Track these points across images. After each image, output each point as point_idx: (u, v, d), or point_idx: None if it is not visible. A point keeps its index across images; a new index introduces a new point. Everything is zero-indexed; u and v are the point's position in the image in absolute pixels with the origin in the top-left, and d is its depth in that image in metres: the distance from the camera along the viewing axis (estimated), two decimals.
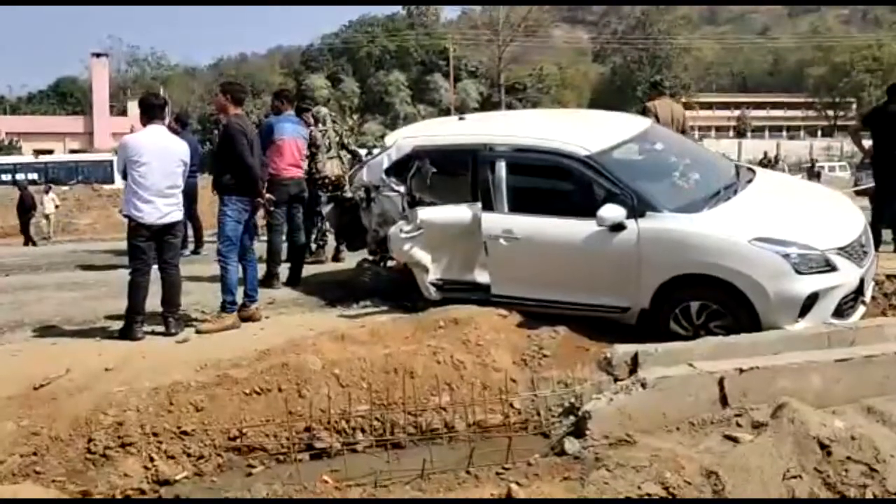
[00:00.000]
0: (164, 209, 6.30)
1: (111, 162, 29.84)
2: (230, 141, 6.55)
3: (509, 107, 50.91)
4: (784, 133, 70.40)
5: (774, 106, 76.04)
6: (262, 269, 7.61)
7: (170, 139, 6.55)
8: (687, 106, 65.11)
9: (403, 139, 7.40)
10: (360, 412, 5.35)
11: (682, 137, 7.99)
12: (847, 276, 5.86)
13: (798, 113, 76.10)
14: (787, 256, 5.71)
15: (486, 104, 56.14)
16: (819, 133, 68.33)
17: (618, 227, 6.09)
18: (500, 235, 6.51)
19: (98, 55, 54.09)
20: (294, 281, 8.23)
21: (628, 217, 6.07)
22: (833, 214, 6.47)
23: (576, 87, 69.97)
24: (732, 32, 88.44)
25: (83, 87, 58.34)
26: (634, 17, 70.34)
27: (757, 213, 6.18)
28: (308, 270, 8.66)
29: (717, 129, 71.40)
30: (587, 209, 6.19)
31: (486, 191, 6.64)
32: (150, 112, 6.52)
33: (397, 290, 7.30)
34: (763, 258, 5.73)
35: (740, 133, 60.96)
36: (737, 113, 69.57)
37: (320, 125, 9.49)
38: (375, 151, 8.71)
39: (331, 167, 9.28)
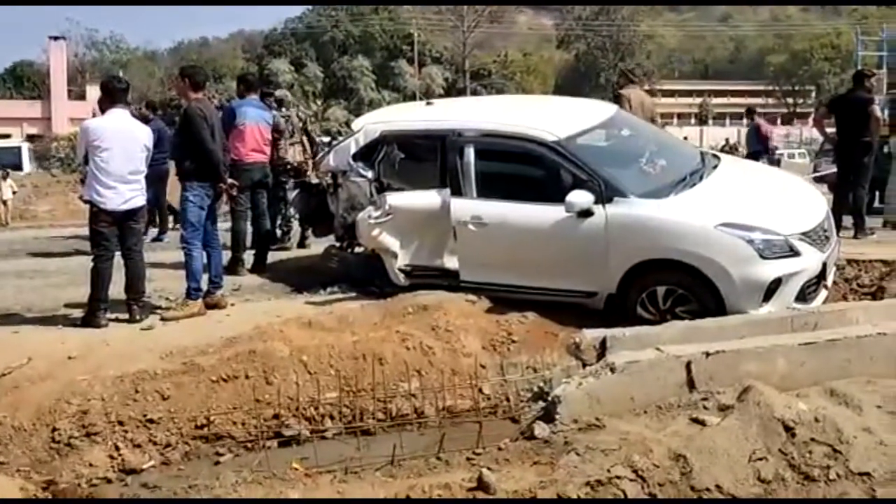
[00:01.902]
0: (126, 195, 6.20)
1: (19, 148, 29.16)
2: (190, 126, 6.45)
3: (474, 93, 50.75)
4: (744, 120, 71.17)
5: (735, 93, 76.80)
6: (226, 255, 7.53)
7: (133, 124, 6.43)
8: (650, 93, 65.81)
9: (371, 124, 7.34)
10: (328, 399, 5.32)
11: (648, 124, 8.04)
12: (810, 261, 5.95)
13: (758, 100, 76.94)
14: (751, 242, 5.78)
15: (452, 90, 55.90)
16: (779, 120, 69.25)
17: (586, 213, 6.13)
18: (469, 221, 6.50)
19: (55, 38, 52.84)
20: (260, 267, 8.16)
21: (596, 203, 6.11)
22: (796, 200, 6.57)
23: (540, 74, 69.98)
24: (694, 20, 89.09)
25: (41, 71, 57.06)
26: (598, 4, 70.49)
27: (722, 199, 6.26)
28: (274, 257, 8.58)
29: (680, 116, 71.96)
30: (555, 195, 6.21)
31: (455, 176, 6.63)
32: (113, 96, 6.40)
33: (365, 276, 7.26)
34: (728, 243, 5.80)
35: (702, 120, 61.60)
36: (699, 100, 70.27)
37: (283, 110, 9.41)
38: (340, 137, 8.65)
39: (293, 153, 9.21)
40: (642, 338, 5.42)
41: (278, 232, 9.41)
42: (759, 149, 12.68)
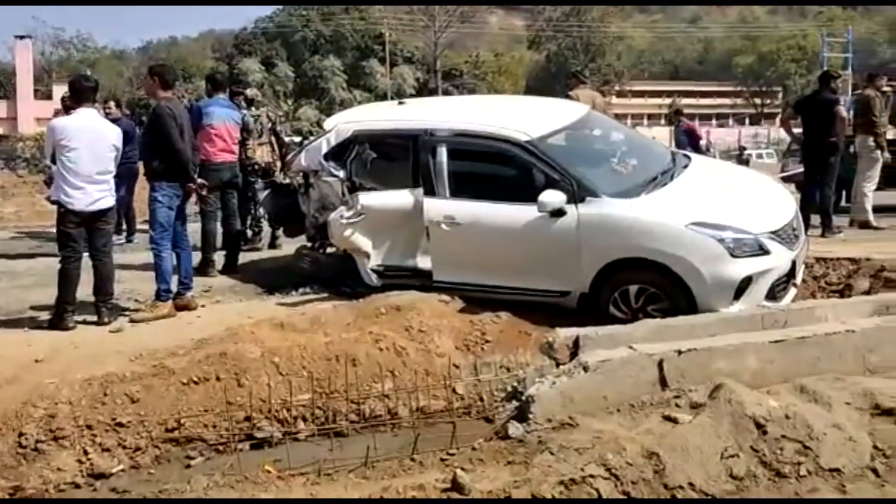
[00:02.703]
0: (94, 195, 6.11)
1: None
2: (159, 125, 6.37)
3: (446, 93, 50.76)
4: (713, 121, 71.91)
5: (704, 94, 77.58)
6: (197, 256, 7.45)
7: (101, 123, 6.34)
8: (621, 94, 65.66)
9: (343, 124, 7.30)
10: (301, 401, 5.28)
11: (619, 124, 8.09)
12: (779, 259, 6.01)
13: (727, 101, 77.92)
14: (722, 240, 5.83)
15: (423, 90, 55.82)
16: (747, 121, 70.07)
17: (558, 213, 6.14)
18: (442, 221, 6.49)
19: (21, 38, 52.04)
20: (230, 268, 8.08)
21: (568, 202, 6.12)
22: (766, 199, 6.64)
23: (511, 74, 70.16)
24: (664, 21, 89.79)
25: (6, 70, 56.12)
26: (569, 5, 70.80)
27: (693, 198, 6.31)
28: (245, 257, 8.51)
29: (650, 116, 72.61)
30: (528, 195, 6.22)
31: (428, 176, 6.61)
32: (81, 95, 6.30)
33: (337, 276, 7.22)
34: (699, 242, 5.85)
35: (671, 121, 62.03)
36: (668, 101, 70.79)
37: (253, 109, 9.32)
38: (312, 137, 8.59)
39: (261, 153, 9.14)
40: (615, 337, 5.44)
41: (249, 232, 9.33)
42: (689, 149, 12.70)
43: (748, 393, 4.57)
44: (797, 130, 10.08)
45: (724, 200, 6.37)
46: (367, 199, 6.69)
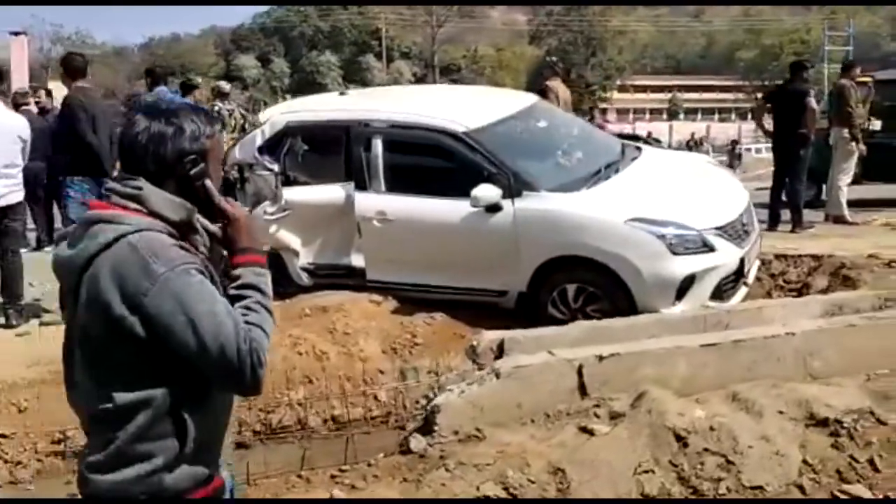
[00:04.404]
0: (1, 190, 5.77)
1: None
2: (68, 117, 6.04)
3: None
4: (716, 115, 71.35)
5: (706, 89, 76.95)
6: None
7: (5, 114, 6.00)
8: (622, 89, 65.14)
9: (278, 115, 6.97)
10: None
11: (569, 115, 7.74)
12: (726, 256, 5.66)
13: (729, 96, 77.27)
14: (662, 237, 5.48)
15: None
16: (749, 115, 69.43)
17: (494, 208, 5.80)
18: (374, 217, 6.15)
19: (16, 34, 51.88)
20: None
21: (504, 197, 5.78)
22: (715, 193, 6.28)
23: (512, 69, 69.70)
24: (667, 15, 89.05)
25: (1, 67, 56.05)
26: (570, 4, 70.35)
27: (635, 193, 5.95)
28: None
29: (652, 111, 72.06)
30: (464, 189, 5.86)
31: (360, 169, 6.28)
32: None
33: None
34: (638, 239, 5.50)
35: (672, 115, 61.66)
36: (670, 96, 70.37)
37: (226, 103, 9.02)
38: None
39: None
40: (543, 340, 5.06)
41: None
42: None
43: (673, 402, 4.22)
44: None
45: (669, 195, 6.00)
46: (292, 194, 6.36)
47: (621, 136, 10.23)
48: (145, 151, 1.86)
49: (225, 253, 1.97)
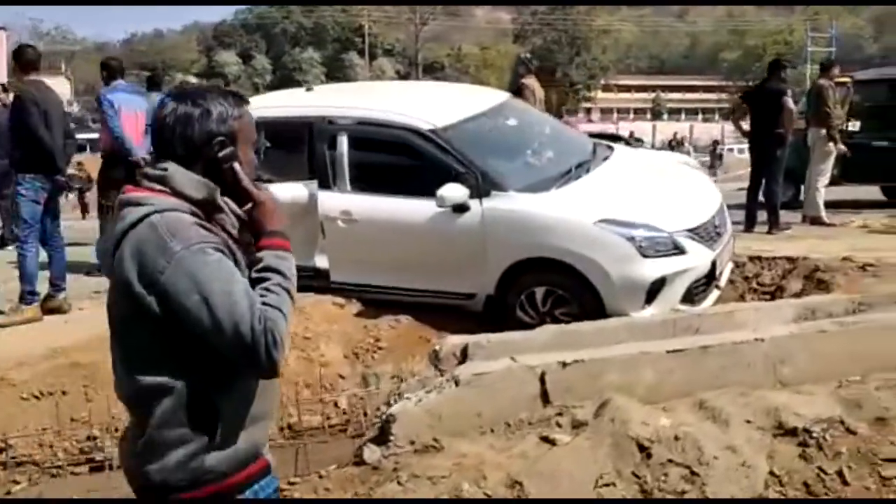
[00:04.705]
0: None
1: None
2: (20, 112, 5.82)
3: None
4: (699, 116, 71.54)
5: (689, 89, 77.15)
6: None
7: None
8: (606, 88, 65.33)
9: None
10: None
11: (541, 114, 7.57)
12: (697, 259, 5.52)
13: (712, 96, 77.50)
14: (632, 239, 5.34)
15: None
16: (730, 114, 69.62)
17: (461, 208, 5.64)
18: (338, 217, 5.99)
19: None
20: None
21: (472, 197, 5.63)
22: (686, 194, 6.14)
23: (497, 68, 69.61)
24: (651, 15, 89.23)
25: None
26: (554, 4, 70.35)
27: (605, 193, 5.81)
28: None
29: (636, 111, 72.15)
30: (431, 188, 5.70)
31: (324, 168, 6.11)
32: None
33: None
34: (607, 241, 5.36)
35: (655, 115, 61.77)
36: (653, 95, 70.47)
37: None
38: None
39: None
40: (509, 344, 4.90)
41: None
42: None
43: (637, 410, 4.06)
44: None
45: (639, 195, 5.86)
46: None
47: (597, 135, 10.10)
48: (172, 134, 1.89)
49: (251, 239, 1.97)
